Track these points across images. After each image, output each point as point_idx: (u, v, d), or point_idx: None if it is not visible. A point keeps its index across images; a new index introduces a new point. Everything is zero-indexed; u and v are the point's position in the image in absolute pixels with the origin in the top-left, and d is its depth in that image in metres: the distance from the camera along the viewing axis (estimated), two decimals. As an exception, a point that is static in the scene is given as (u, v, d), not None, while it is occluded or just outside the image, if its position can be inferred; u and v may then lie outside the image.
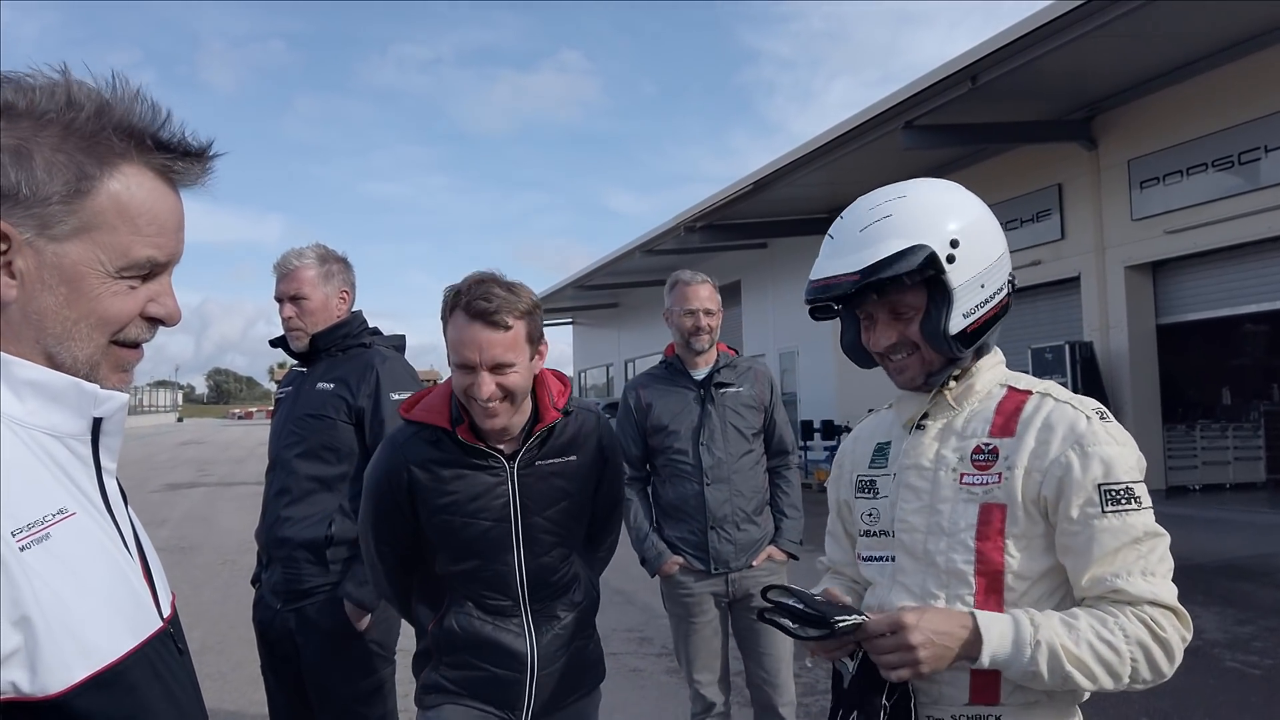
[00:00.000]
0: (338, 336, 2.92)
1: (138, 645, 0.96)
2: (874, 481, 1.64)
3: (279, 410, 3.02)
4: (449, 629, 2.08)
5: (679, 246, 19.16)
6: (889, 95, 11.42)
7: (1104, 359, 12.50)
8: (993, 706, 1.44)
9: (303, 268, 2.89)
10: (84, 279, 0.95)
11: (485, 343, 1.92)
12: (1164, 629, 1.37)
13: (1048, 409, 1.48)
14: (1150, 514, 1.43)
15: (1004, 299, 1.54)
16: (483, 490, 2.03)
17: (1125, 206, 12.13)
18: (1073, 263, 12.99)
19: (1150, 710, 4.65)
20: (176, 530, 11.66)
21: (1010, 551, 1.44)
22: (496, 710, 2.10)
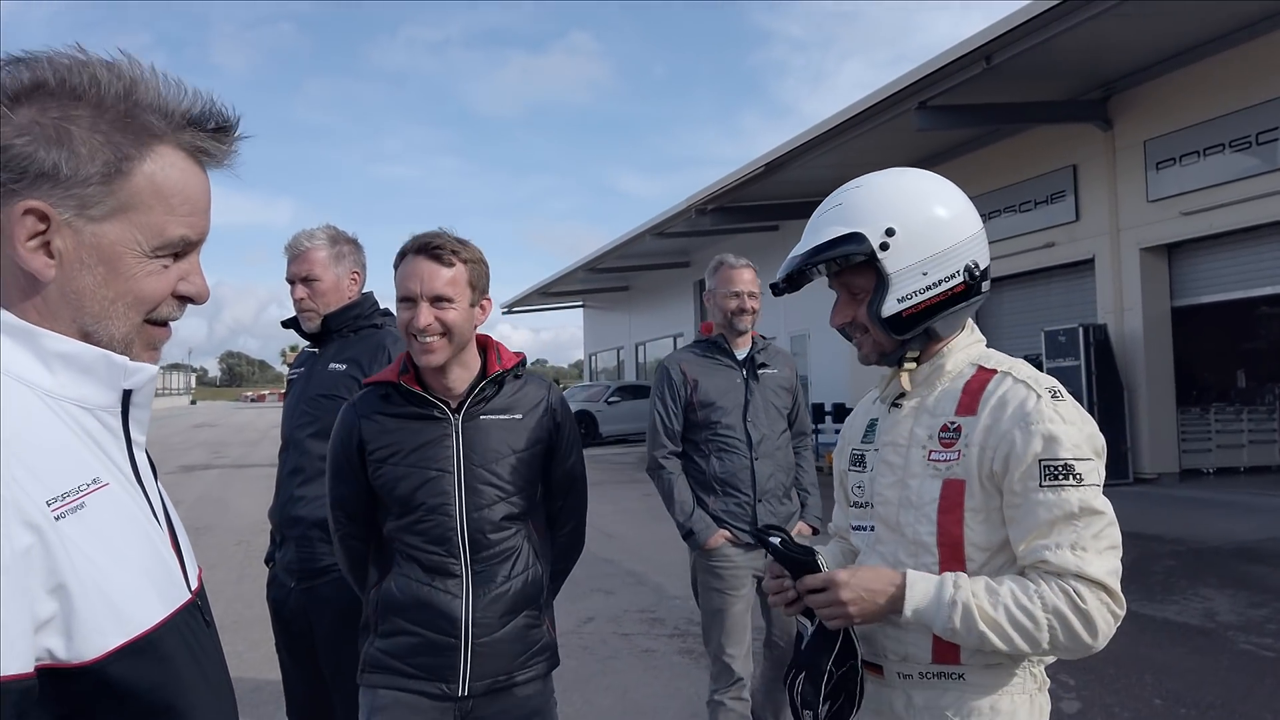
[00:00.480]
0: (349, 317, 2.96)
1: (169, 615, 0.97)
2: (863, 456, 1.74)
3: (291, 391, 3.05)
4: (387, 591, 2.10)
5: (689, 229, 19.11)
6: (902, 75, 11.33)
7: (1118, 342, 12.43)
8: (955, 665, 1.55)
9: (314, 249, 2.93)
10: (121, 259, 0.96)
11: (427, 274, 2.03)
12: (1086, 601, 1.43)
13: (1005, 388, 1.55)
14: (1091, 491, 1.48)
15: (954, 288, 1.59)
16: (427, 440, 2.09)
17: (1141, 187, 12.03)
18: (1087, 245, 12.90)
19: (1163, 692, 4.64)
20: (191, 511, 11.75)
21: (969, 524, 1.53)
22: (429, 684, 2.07)
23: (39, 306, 0.95)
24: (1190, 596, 6.51)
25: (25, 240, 0.93)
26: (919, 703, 1.58)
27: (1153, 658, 5.17)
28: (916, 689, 1.58)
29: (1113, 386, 12.31)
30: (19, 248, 0.93)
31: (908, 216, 1.58)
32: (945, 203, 1.63)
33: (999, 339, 15.05)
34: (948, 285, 1.58)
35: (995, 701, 1.54)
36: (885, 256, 1.56)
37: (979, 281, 1.61)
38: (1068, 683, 4.77)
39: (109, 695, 0.90)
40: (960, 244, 1.59)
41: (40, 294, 0.95)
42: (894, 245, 1.56)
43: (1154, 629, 5.72)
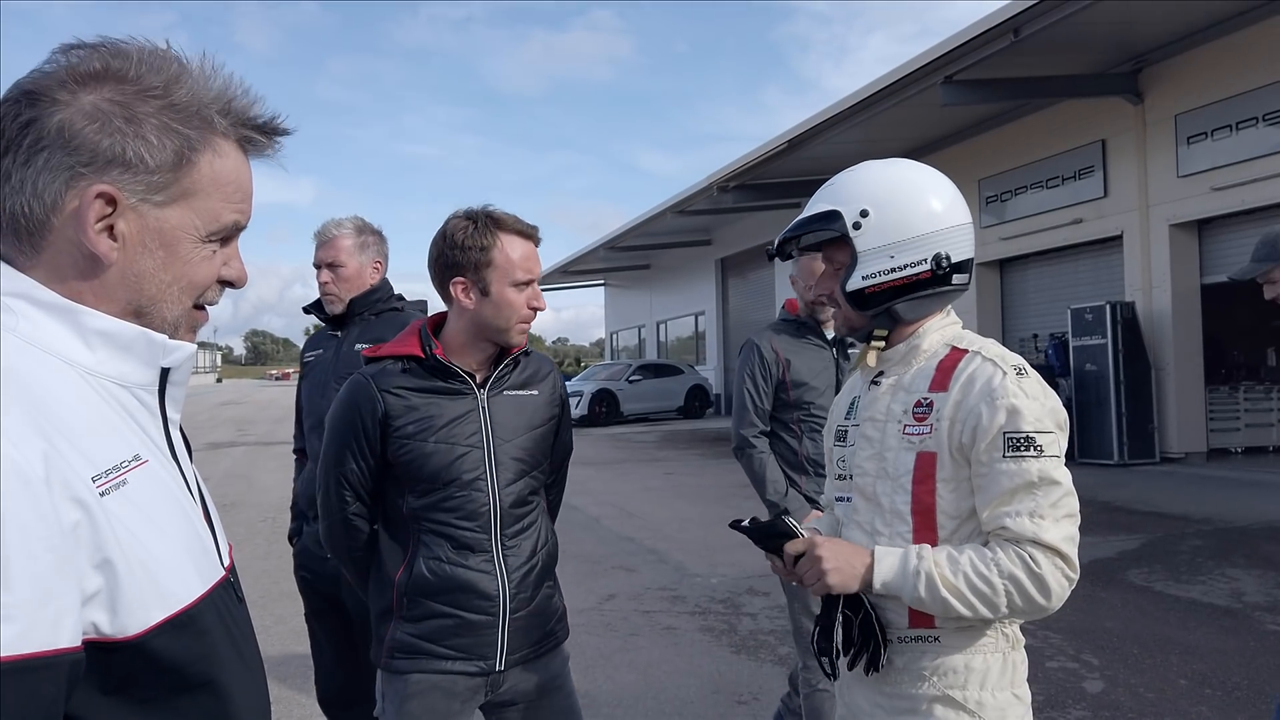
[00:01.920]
0: (372, 301, 3.13)
1: (207, 590, 0.99)
2: (846, 431, 1.85)
3: (314, 371, 3.16)
4: (419, 575, 2.06)
5: (711, 207, 19.03)
6: (928, 49, 11.19)
7: (1146, 319, 12.28)
8: (931, 629, 1.66)
9: (341, 237, 3.10)
10: (179, 243, 1.00)
11: (537, 258, 2.13)
12: (1040, 566, 1.53)
13: (974, 366, 1.65)
14: (1051, 463, 1.57)
15: (918, 274, 1.69)
16: (455, 415, 2.09)
17: (1171, 162, 11.84)
18: (1115, 221, 12.73)
19: (1189, 673, 4.62)
20: (218, 488, 11.89)
21: (940, 493, 1.64)
22: (467, 663, 2.07)
23: (95, 289, 0.97)
24: (1217, 576, 6.46)
25: (94, 223, 0.95)
26: (899, 664, 1.69)
27: (1178, 638, 5.13)
28: (896, 652, 1.69)
29: (1140, 365, 12.18)
30: (88, 230, 0.95)
31: (884, 201, 1.70)
32: (926, 194, 1.72)
33: (1025, 316, 14.93)
34: (912, 270, 1.69)
35: (969, 660, 1.65)
36: (857, 235, 1.70)
37: (948, 272, 1.70)
38: (1091, 662, 4.76)
39: (151, 669, 0.91)
40: (932, 234, 1.69)
41: (99, 276, 0.97)
42: (865, 226, 1.69)
43: (1180, 609, 5.68)
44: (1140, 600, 5.90)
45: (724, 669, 4.87)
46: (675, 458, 15.36)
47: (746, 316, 24.44)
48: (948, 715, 1.64)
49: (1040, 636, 5.02)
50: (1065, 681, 4.53)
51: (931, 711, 1.66)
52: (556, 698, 2.20)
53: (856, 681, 1.76)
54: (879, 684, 1.72)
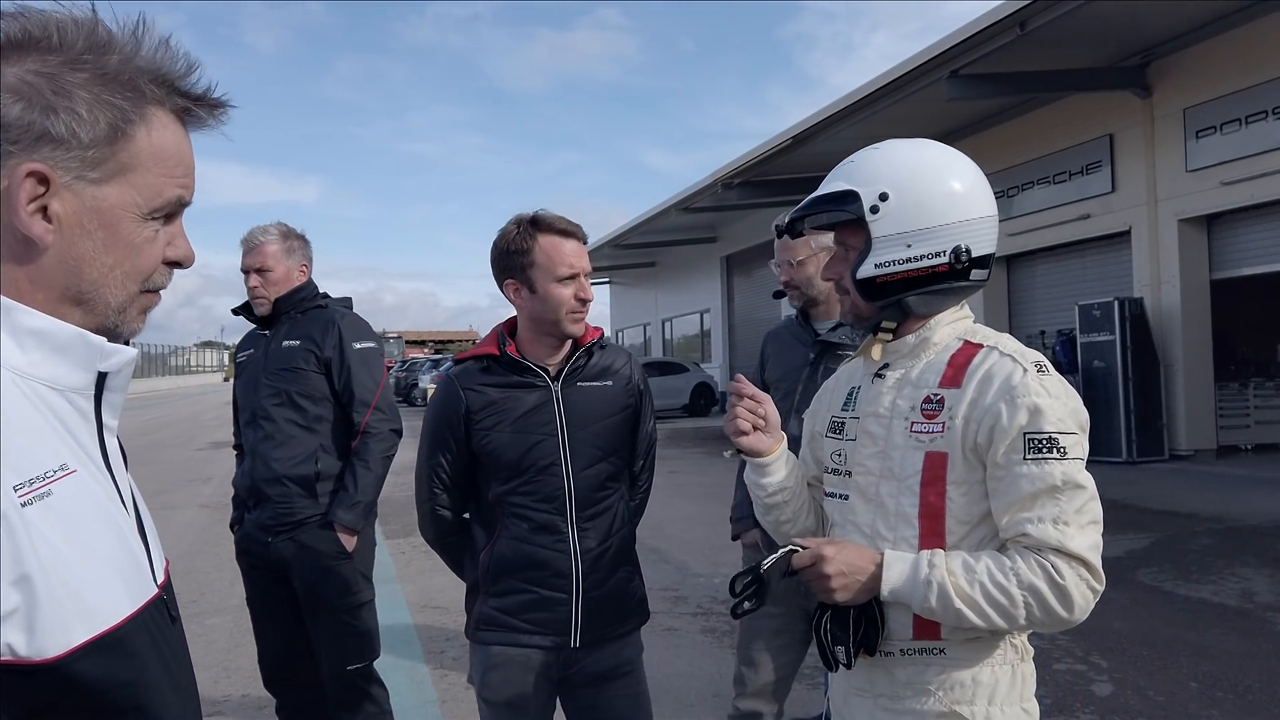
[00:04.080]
0: (296, 300, 3.28)
1: (137, 610, 0.93)
2: (843, 424, 1.73)
3: (246, 369, 3.34)
4: (499, 554, 2.23)
5: (716, 204, 18.96)
6: (934, 43, 11.09)
7: (1154, 315, 12.18)
8: (936, 640, 1.56)
9: (267, 243, 3.24)
10: (120, 222, 0.94)
11: (581, 253, 2.25)
12: (1064, 577, 1.43)
13: (991, 361, 1.55)
14: (1074, 465, 1.48)
15: (935, 266, 1.59)
16: (531, 406, 2.23)
17: (1180, 157, 11.73)
18: (1123, 216, 12.63)
19: (1200, 675, 4.53)
20: (220, 487, 11.86)
21: (951, 497, 1.54)
22: (544, 639, 2.21)
23: (32, 275, 0.91)
24: (1227, 576, 6.36)
25: (26, 204, 0.89)
26: (902, 678, 1.59)
27: (1189, 639, 5.04)
28: (900, 665, 1.60)
29: (1149, 361, 12.08)
30: (19, 212, 0.89)
31: (906, 185, 1.59)
32: (952, 181, 1.62)
33: (1031, 313, 14.83)
34: (929, 262, 1.59)
35: (976, 674, 1.56)
36: (873, 220, 1.59)
37: (966, 267, 1.60)
38: (1100, 664, 4.67)
39: (72, 694, 0.85)
40: (954, 224, 1.58)
41: (35, 261, 0.91)
42: (884, 210, 1.58)
43: (1190, 610, 5.59)
44: (1149, 600, 5.81)
45: (725, 671, 4.78)
46: (679, 456, 15.28)
47: (752, 314, 24.35)
48: None
49: (1047, 638, 4.93)
50: (1073, 684, 4.45)
51: None
52: (627, 683, 2.30)
53: (855, 695, 1.68)
54: (879, 699, 1.63)
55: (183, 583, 7.07)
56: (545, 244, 2.21)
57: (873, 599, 1.56)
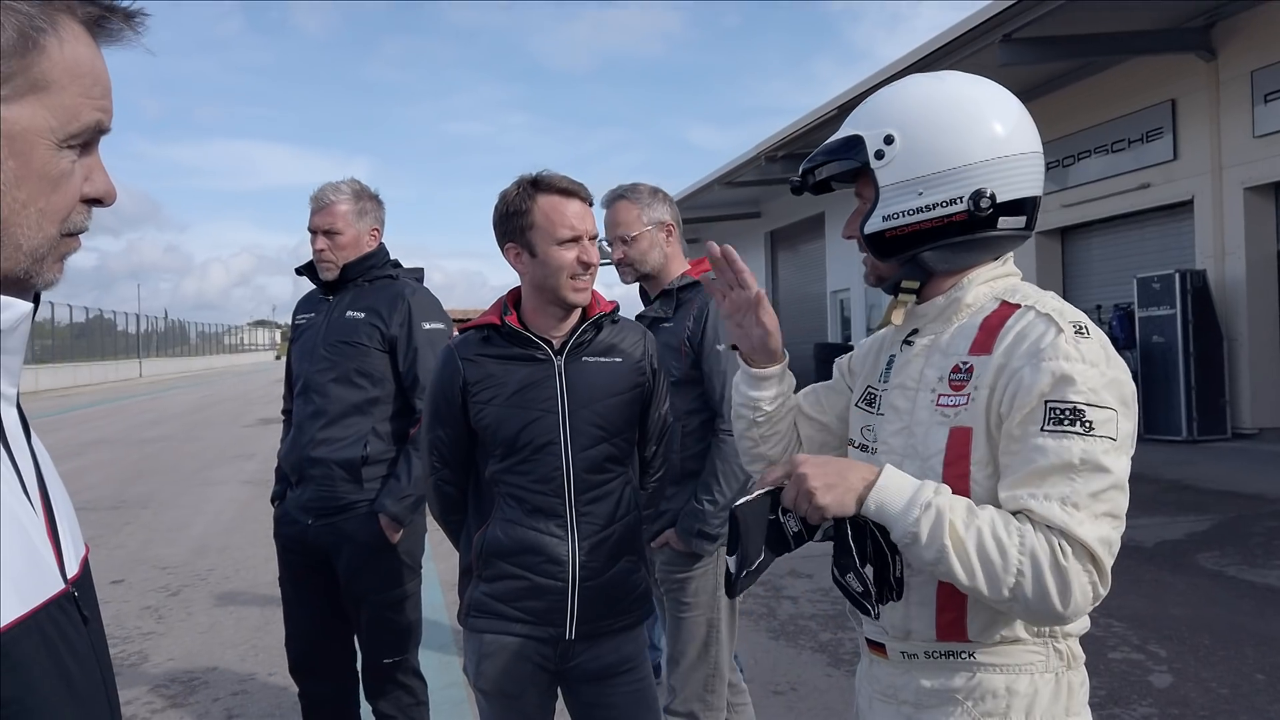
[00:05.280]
0: (366, 267, 3.04)
1: (29, 612, 0.80)
2: (876, 395, 1.55)
3: (304, 335, 3.10)
4: (493, 536, 2.11)
5: (759, 178, 18.63)
6: (985, 6, 10.65)
7: (1218, 288, 11.67)
8: (962, 643, 1.39)
9: (338, 203, 2.99)
10: (33, 149, 0.82)
11: (585, 214, 2.11)
12: (1068, 560, 1.23)
13: (1024, 323, 1.35)
14: (1100, 445, 1.25)
15: (951, 215, 1.40)
16: (531, 380, 2.11)
17: (1246, 122, 11.18)
18: (1186, 185, 12.09)
19: (1266, 666, 4.26)
20: (264, 463, 11.95)
21: (974, 478, 1.35)
22: (538, 629, 2.09)
23: None
24: (1296, 561, 6.04)
25: None
26: (928, 687, 1.41)
27: (1254, 628, 4.76)
28: (923, 671, 1.42)
29: (1211, 336, 11.60)
30: None
31: (916, 124, 1.41)
32: (969, 116, 1.41)
33: (1087, 286, 14.34)
34: (942, 211, 1.40)
35: (1012, 683, 1.37)
36: (879, 166, 1.43)
37: (991, 214, 1.39)
38: (1158, 654, 4.42)
39: None
40: (972, 165, 1.38)
41: None
42: (890, 155, 1.42)
43: (1255, 596, 5.29)
44: (1211, 586, 5.51)
45: (760, 656, 4.63)
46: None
47: (797, 290, 24.00)
48: None
49: (1102, 625, 4.69)
50: (1130, 674, 4.21)
51: None
52: (628, 680, 2.16)
53: (880, 700, 1.50)
54: (902, 706, 1.45)
55: (218, 559, 7.10)
56: (545, 205, 2.08)
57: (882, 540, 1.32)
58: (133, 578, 6.53)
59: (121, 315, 49.00)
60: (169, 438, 16.37)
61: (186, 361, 59.96)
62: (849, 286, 20.49)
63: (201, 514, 8.96)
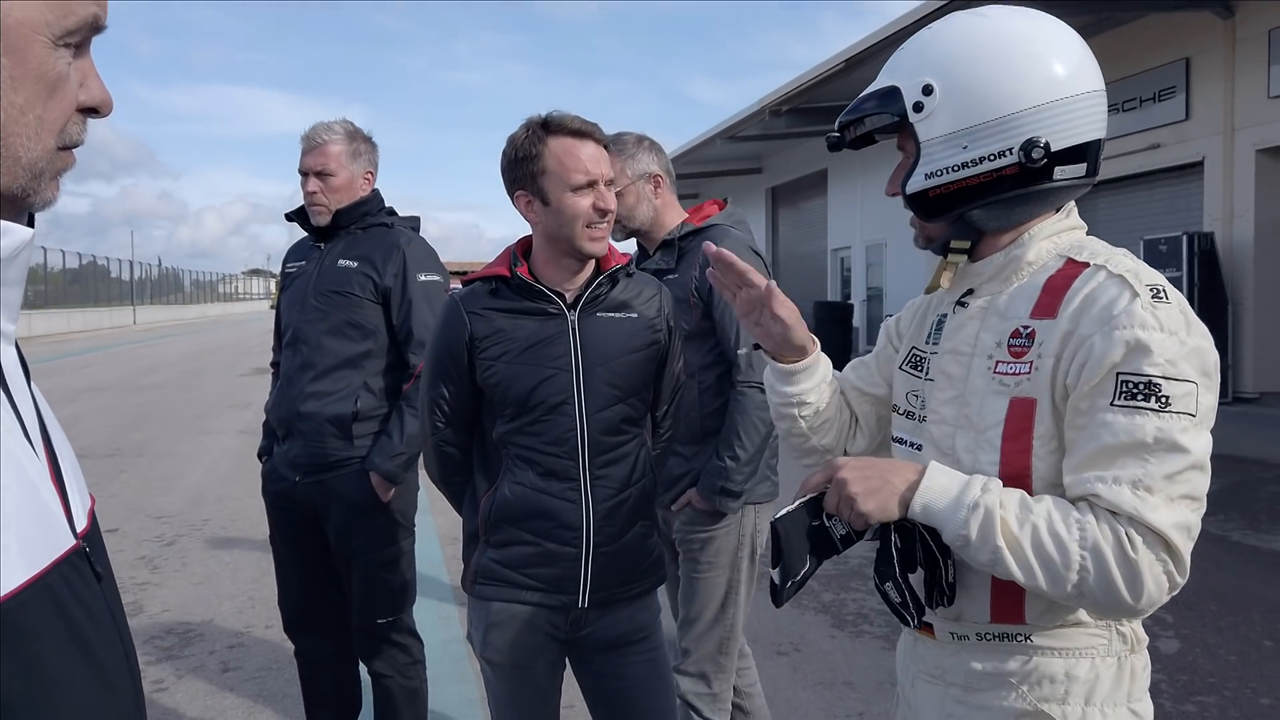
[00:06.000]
0: (359, 214, 2.90)
1: (39, 573, 0.72)
2: (924, 359, 1.45)
3: (294, 284, 2.97)
4: (502, 499, 2.01)
5: (763, 132, 18.35)
6: (1000, -43, 10.38)
7: (1225, 252, 11.55)
8: (1019, 625, 1.30)
9: (330, 143, 2.86)
10: (30, 46, 0.73)
11: (601, 157, 1.98)
12: (1137, 551, 1.13)
13: (1093, 284, 1.23)
14: (1178, 422, 1.14)
15: (1001, 169, 1.28)
16: (543, 336, 2.00)
17: (1262, 82, 10.96)
18: (1197, 146, 11.91)
19: (1274, 633, 4.23)
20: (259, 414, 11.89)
21: (1037, 453, 1.25)
22: (550, 597, 2.00)
23: None
24: (1301, 527, 6.00)
25: None
26: (979, 669, 1.33)
27: (1261, 594, 4.73)
28: (975, 653, 1.33)
29: (1217, 300, 11.49)
30: None
31: (956, 70, 1.28)
32: (1016, 55, 1.28)
33: (1091, 249, 14.19)
34: (990, 165, 1.28)
35: (1071, 667, 1.28)
36: (919, 120, 1.31)
37: (1046, 165, 1.27)
38: (1164, 619, 4.38)
39: None
40: (1022, 113, 1.25)
41: None
42: (929, 107, 1.30)
43: (1260, 562, 5.26)
44: (1216, 552, 5.47)
45: (764, 616, 4.58)
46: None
47: (797, 248, 23.81)
48: None
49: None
50: (1136, 639, 4.18)
51: None
52: (641, 650, 2.08)
53: (925, 680, 1.42)
54: (950, 688, 1.37)
55: (214, 509, 7.04)
56: (557, 148, 1.95)
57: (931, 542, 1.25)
58: (127, 527, 6.47)
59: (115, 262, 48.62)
60: (164, 385, 16.27)
61: (181, 309, 59.63)
62: (849, 244, 20.32)
63: (198, 463, 8.90)
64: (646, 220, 2.72)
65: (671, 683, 2.14)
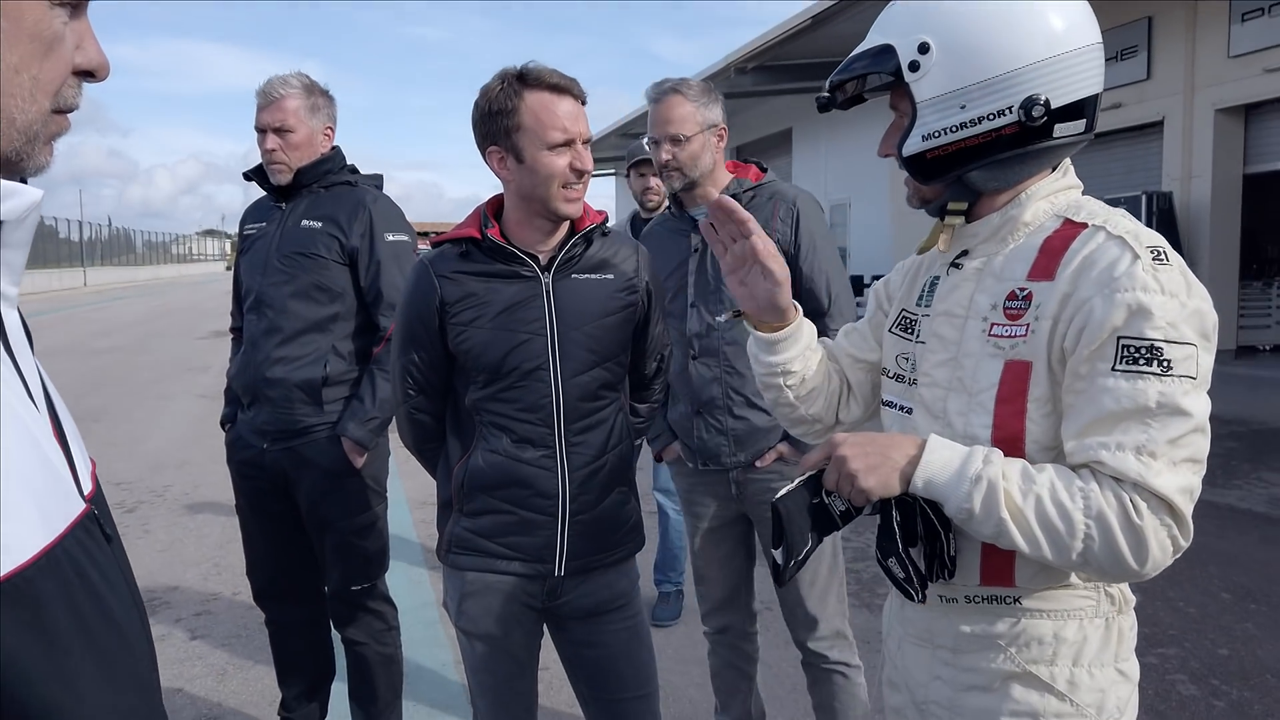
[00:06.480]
0: (321, 172, 2.81)
1: (56, 539, 0.71)
2: (915, 321, 1.44)
3: (255, 246, 2.86)
4: (475, 467, 1.96)
5: (728, 90, 18.13)
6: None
7: (1183, 211, 11.73)
8: (1009, 587, 1.30)
9: (288, 97, 2.74)
10: (25, 8, 0.71)
11: (579, 114, 1.90)
12: (1142, 517, 1.13)
13: (1092, 245, 1.23)
14: (1179, 385, 1.14)
15: (1000, 128, 1.26)
16: (516, 300, 1.94)
17: (1222, 42, 11.07)
18: (1157, 105, 12.02)
19: (1231, 585, 4.35)
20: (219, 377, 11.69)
21: (1032, 417, 1.24)
22: (526, 565, 1.97)
23: None
24: (1254, 481, 6.17)
25: None
26: (967, 632, 1.34)
27: (1217, 547, 4.86)
28: (964, 615, 1.34)
29: (1174, 259, 11.70)
30: None
31: (952, 27, 1.25)
32: (1019, 11, 1.25)
33: (1052, 208, 14.34)
34: (990, 125, 1.25)
35: (1059, 629, 1.29)
36: (914, 80, 1.28)
37: (1046, 123, 1.25)
38: (1126, 573, 4.49)
39: None
40: (1022, 70, 1.23)
41: None
42: (925, 66, 1.27)
43: (1217, 516, 5.40)
44: (1174, 506, 5.62)
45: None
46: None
47: (761, 207, 23.78)
48: (1029, 698, 1.29)
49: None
50: (1098, 593, 4.28)
51: (1008, 692, 1.30)
52: (620, 617, 2.05)
53: (912, 643, 1.42)
54: (938, 650, 1.37)
55: (176, 475, 6.94)
56: (534, 102, 1.86)
57: (933, 515, 1.25)
58: (87, 494, 6.36)
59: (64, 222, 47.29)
60: (120, 349, 15.94)
61: (133, 271, 58.30)
62: (814, 204, 20.33)
63: (157, 428, 8.75)
64: (705, 170, 2.61)
65: (651, 649, 2.11)
